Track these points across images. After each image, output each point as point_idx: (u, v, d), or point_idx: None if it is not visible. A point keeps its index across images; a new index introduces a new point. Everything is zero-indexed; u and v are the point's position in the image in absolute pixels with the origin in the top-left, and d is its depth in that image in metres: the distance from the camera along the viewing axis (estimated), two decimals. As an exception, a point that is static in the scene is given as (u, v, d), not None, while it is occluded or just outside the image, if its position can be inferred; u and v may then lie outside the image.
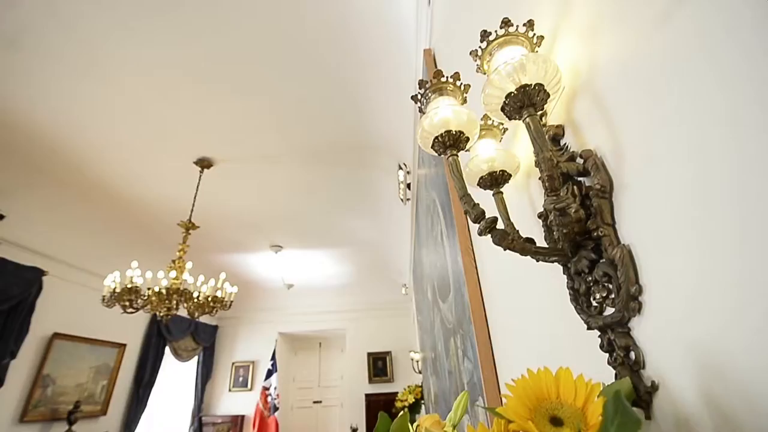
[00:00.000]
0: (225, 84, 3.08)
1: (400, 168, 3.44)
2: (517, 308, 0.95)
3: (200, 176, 4.10)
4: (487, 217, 0.65)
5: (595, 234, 0.55)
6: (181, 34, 2.64)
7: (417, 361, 5.96)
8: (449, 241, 1.49)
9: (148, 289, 3.27)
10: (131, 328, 6.56)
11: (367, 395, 7.86)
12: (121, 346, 6.24)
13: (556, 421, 0.47)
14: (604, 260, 0.55)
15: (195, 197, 4.14)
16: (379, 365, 8.52)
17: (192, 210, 4.13)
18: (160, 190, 4.60)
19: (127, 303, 3.17)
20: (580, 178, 0.60)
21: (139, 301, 3.22)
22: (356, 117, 3.40)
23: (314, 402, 9.20)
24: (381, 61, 2.70)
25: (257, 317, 9.20)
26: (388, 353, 8.58)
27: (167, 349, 7.21)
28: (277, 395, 7.64)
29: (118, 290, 3.18)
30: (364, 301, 9.02)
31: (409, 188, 3.57)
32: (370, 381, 8.33)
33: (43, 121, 3.46)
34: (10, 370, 4.42)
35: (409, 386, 6.19)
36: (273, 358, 8.01)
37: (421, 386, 5.87)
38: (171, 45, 2.72)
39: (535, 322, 0.84)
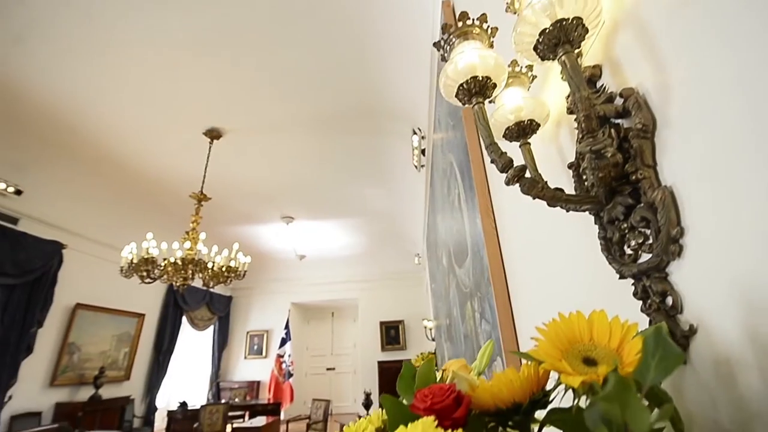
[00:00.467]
0: (231, 52, 2.99)
1: (415, 133, 3.36)
2: (539, 266, 0.94)
3: (210, 147, 4.09)
4: (515, 165, 0.62)
5: (633, 177, 0.52)
6: (186, 4, 2.55)
7: (430, 329, 6.09)
8: (467, 204, 1.47)
9: (164, 259, 3.34)
10: (149, 299, 6.80)
11: (379, 362, 8.12)
12: (140, 316, 6.49)
13: (589, 362, 0.47)
14: (642, 205, 0.53)
15: (206, 168, 4.15)
16: (391, 334, 8.75)
17: (203, 181, 4.15)
18: (171, 162, 4.61)
19: (145, 273, 3.26)
20: (617, 120, 0.57)
21: (156, 271, 3.30)
22: (368, 82, 3.30)
23: (327, 369, 9.57)
24: (394, 19, 2.58)
25: (270, 288, 9.44)
26: (401, 322, 8.79)
27: (184, 319, 7.49)
28: (291, 362, 7.95)
29: (135, 261, 3.26)
30: (377, 271, 9.15)
31: (424, 154, 3.49)
32: (383, 349, 8.59)
33: (56, 97, 3.45)
34: (38, 338, 4.65)
35: (422, 353, 6.37)
36: (286, 327, 8.28)
37: (435, 353, 6.04)
38: (177, 17, 2.64)
39: (561, 276, 0.83)
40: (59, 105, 3.54)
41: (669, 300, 0.50)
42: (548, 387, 0.45)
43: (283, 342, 8.08)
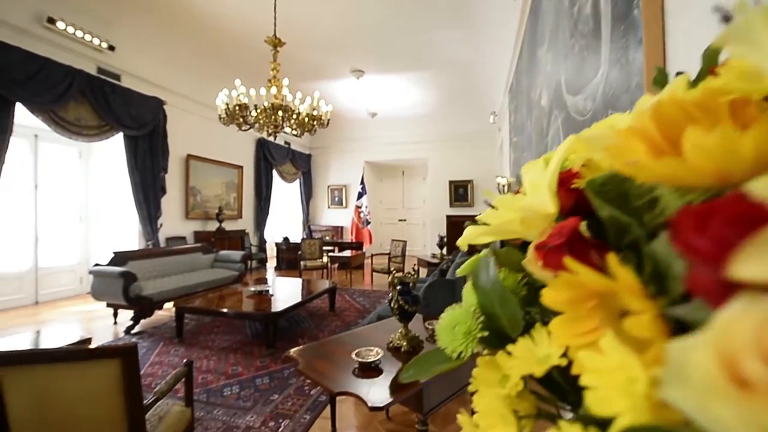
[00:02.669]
0: None
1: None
2: None
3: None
4: None
5: None
6: None
7: (504, 186, 6.07)
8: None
9: (255, 106, 3.49)
10: (244, 153, 7.57)
11: (448, 216, 8.62)
12: (239, 168, 7.35)
13: None
14: None
15: (275, 7, 3.86)
16: (460, 192, 8.98)
17: (275, 24, 3.92)
18: (242, 6, 4.32)
19: (241, 119, 3.48)
20: None
21: (250, 117, 3.50)
22: None
23: (399, 220, 10.50)
24: None
25: (344, 147, 9.82)
26: (470, 182, 8.87)
27: (274, 173, 8.35)
28: (368, 212, 8.80)
29: (230, 107, 3.45)
30: (448, 132, 8.86)
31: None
32: (451, 205, 8.99)
33: None
34: (167, 182, 5.59)
35: (485, 198, 6.54)
36: (362, 182, 8.88)
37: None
38: None
39: None
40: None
41: None
42: None
43: (360, 195, 8.80)
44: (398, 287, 1.64)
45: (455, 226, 8.44)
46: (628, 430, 0.16)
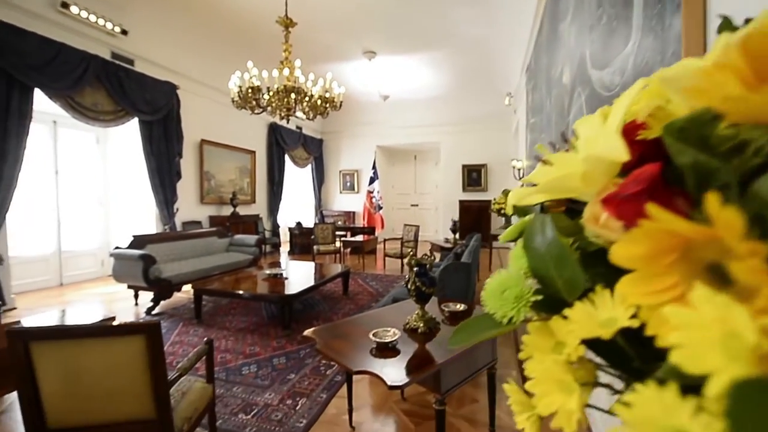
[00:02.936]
0: None
1: None
2: None
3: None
4: None
5: None
6: None
7: (519, 170, 5.95)
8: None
9: (267, 89, 3.46)
10: (256, 138, 7.59)
11: (461, 201, 8.53)
12: (252, 153, 7.38)
13: None
14: None
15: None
16: (473, 176, 8.86)
17: (286, 5, 3.84)
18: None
19: (254, 102, 3.46)
20: None
21: (263, 100, 3.47)
22: None
23: (411, 205, 10.46)
24: None
25: (356, 131, 9.74)
26: (483, 166, 8.73)
27: (287, 158, 8.36)
28: (380, 197, 8.78)
29: (243, 90, 3.43)
30: (461, 115, 8.68)
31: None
32: (464, 189, 8.89)
33: None
34: (183, 167, 5.65)
35: (505, 190, 6.44)
36: (374, 167, 8.83)
37: (519, 192, 6.05)
38: None
39: None
40: None
41: None
42: None
43: (372, 180, 8.76)
44: (415, 269, 1.63)
45: (468, 211, 8.35)
46: (729, 385, 0.14)
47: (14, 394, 2.07)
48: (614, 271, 0.27)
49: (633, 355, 0.24)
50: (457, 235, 5.59)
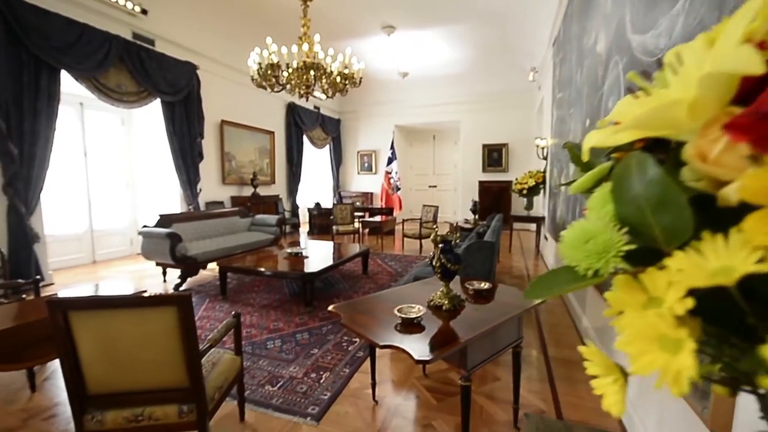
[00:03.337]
0: None
1: None
2: None
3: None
4: None
5: None
6: None
7: (543, 148, 5.75)
8: None
9: (287, 65, 3.40)
10: (275, 119, 7.59)
11: (480, 182, 8.36)
12: (271, 133, 7.39)
13: None
14: None
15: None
16: (494, 156, 8.63)
17: (304, -23, 3.73)
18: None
19: (273, 80, 3.42)
20: None
21: (282, 77, 3.43)
22: None
23: (430, 186, 10.34)
24: None
25: (374, 111, 9.59)
26: (504, 145, 8.48)
27: (305, 139, 8.35)
28: (398, 178, 8.70)
29: (262, 67, 3.39)
30: (481, 92, 8.40)
31: None
32: (484, 170, 8.69)
33: None
34: (204, 148, 5.72)
35: (530, 171, 6.26)
36: (392, 147, 8.72)
37: (543, 172, 5.87)
38: None
39: None
40: None
41: None
42: None
43: (390, 161, 8.67)
44: (441, 245, 1.60)
45: (488, 192, 8.19)
46: None
47: (56, 362, 2.20)
48: (718, 219, 0.23)
49: (748, 310, 0.21)
50: (477, 216, 5.49)
